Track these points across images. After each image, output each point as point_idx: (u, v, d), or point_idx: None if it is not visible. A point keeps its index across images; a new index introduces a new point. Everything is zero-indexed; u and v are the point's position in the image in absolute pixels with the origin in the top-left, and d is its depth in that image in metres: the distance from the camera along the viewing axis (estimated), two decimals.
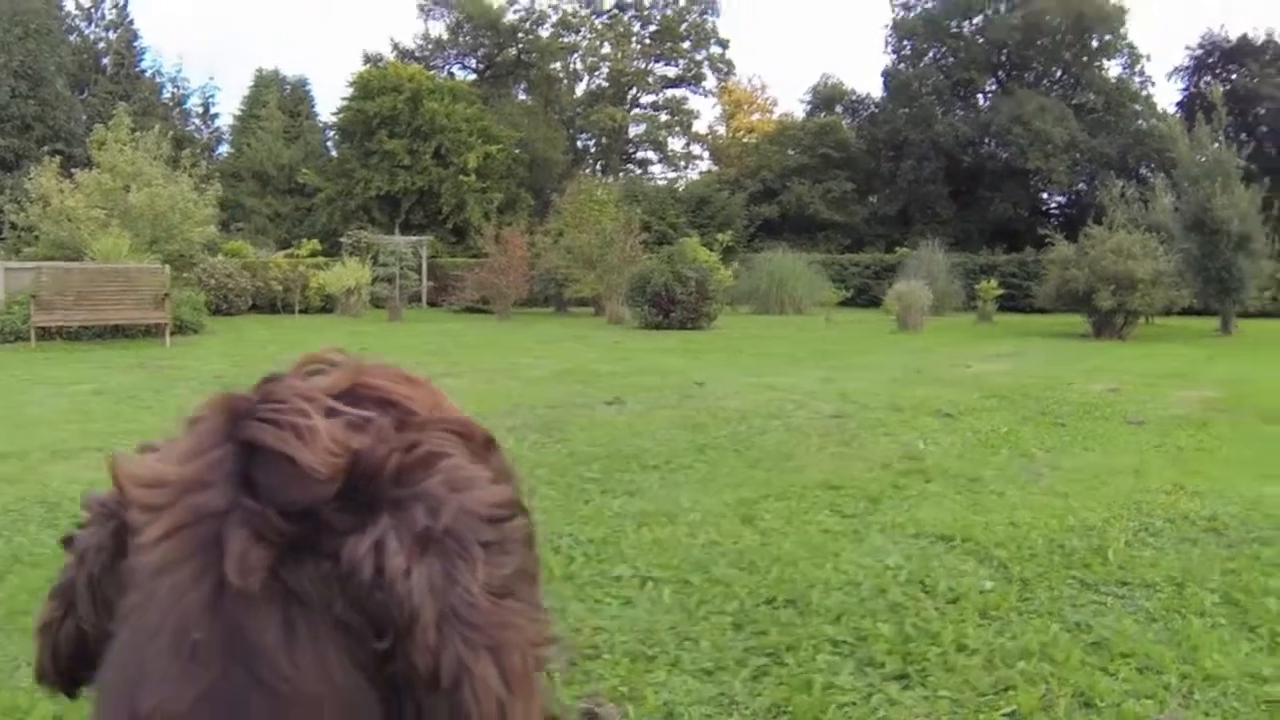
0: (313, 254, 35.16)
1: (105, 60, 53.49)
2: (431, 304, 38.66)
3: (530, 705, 0.84)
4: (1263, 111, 48.34)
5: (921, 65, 58.24)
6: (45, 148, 38.56)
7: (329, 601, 0.79)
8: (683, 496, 7.02)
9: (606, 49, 63.51)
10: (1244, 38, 51.37)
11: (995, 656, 4.26)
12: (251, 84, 57.95)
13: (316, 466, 0.79)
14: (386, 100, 47.68)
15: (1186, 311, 28.35)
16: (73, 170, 27.87)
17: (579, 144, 63.49)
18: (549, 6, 61.59)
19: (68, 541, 0.92)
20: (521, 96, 61.42)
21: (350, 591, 0.78)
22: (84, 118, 46.00)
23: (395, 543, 0.79)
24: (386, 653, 0.80)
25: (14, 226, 29.03)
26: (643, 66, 64.12)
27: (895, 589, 5.06)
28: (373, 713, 0.82)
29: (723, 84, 67.03)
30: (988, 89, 58.36)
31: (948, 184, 54.70)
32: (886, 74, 59.41)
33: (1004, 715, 3.76)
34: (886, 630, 4.52)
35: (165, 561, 0.79)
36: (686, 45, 63.83)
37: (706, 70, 65.19)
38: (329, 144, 55.49)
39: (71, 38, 51.67)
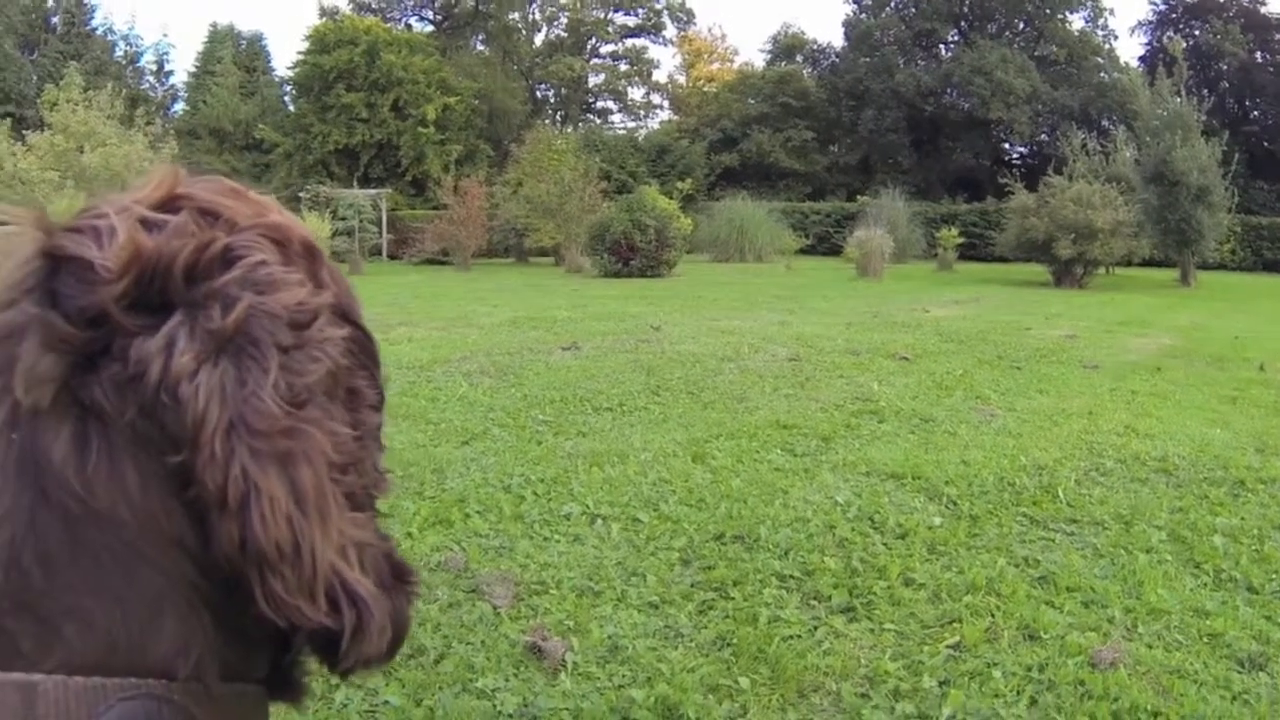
0: None
1: (55, 20, 52.69)
2: (392, 257, 38.49)
3: (329, 530, 0.79)
4: (1224, 67, 48.64)
5: (883, 15, 58.18)
6: None
7: (122, 411, 0.75)
8: (634, 437, 6.98)
9: None
10: None
11: (941, 590, 4.25)
12: (206, 40, 57.60)
13: (106, 264, 0.76)
14: (343, 53, 47.30)
15: (1148, 263, 28.57)
16: (24, 132, 27.42)
17: (538, 94, 63.25)
18: None
19: None
20: (479, 47, 61.15)
21: (140, 397, 0.74)
22: (34, 79, 45.34)
23: (184, 341, 0.75)
24: (185, 473, 0.75)
25: None
26: (602, 16, 63.74)
27: (844, 525, 5.04)
28: (192, 542, 0.77)
29: (683, 33, 66.96)
30: (950, 40, 58.36)
31: (909, 133, 54.82)
32: (847, 23, 59.39)
33: (948, 647, 3.74)
34: (833, 565, 4.51)
35: None
36: None
37: (666, 19, 65.02)
38: (286, 99, 55.08)
39: None
